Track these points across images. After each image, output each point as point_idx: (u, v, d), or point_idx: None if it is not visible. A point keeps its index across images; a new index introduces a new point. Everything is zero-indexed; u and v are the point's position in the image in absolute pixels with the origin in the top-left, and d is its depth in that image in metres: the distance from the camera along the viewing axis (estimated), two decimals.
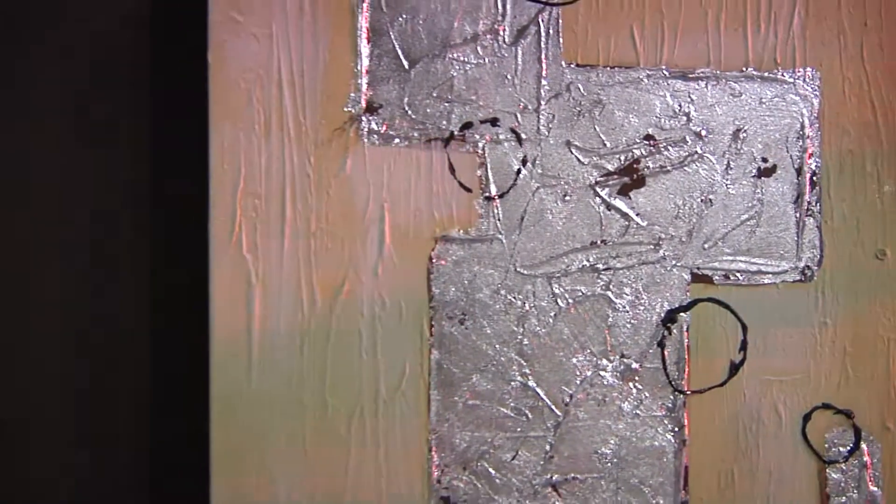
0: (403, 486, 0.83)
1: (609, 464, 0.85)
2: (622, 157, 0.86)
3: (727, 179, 0.87)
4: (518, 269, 0.85)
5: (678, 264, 0.86)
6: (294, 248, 0.83)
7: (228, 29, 0.83)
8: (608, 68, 0.86)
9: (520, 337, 0.85)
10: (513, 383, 0.84)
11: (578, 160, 0.85)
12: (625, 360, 0.85)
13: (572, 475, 0.85)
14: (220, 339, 0.82)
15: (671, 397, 0.86)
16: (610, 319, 0.85)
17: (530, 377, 0.85)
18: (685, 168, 0.86)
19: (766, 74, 0.87)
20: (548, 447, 0.85)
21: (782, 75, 0.87)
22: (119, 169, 0.89)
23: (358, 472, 0.83)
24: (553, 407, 0.85)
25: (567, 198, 0.85)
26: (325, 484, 0.82)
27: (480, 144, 0.84)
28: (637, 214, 0.86)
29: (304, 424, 0.82)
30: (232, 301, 0.82)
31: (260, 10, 0.83)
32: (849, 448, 0.87)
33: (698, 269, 0.86)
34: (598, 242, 0.85)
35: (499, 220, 0.85)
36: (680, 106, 0.86)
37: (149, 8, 0.89)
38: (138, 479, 0.89)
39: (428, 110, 0.84)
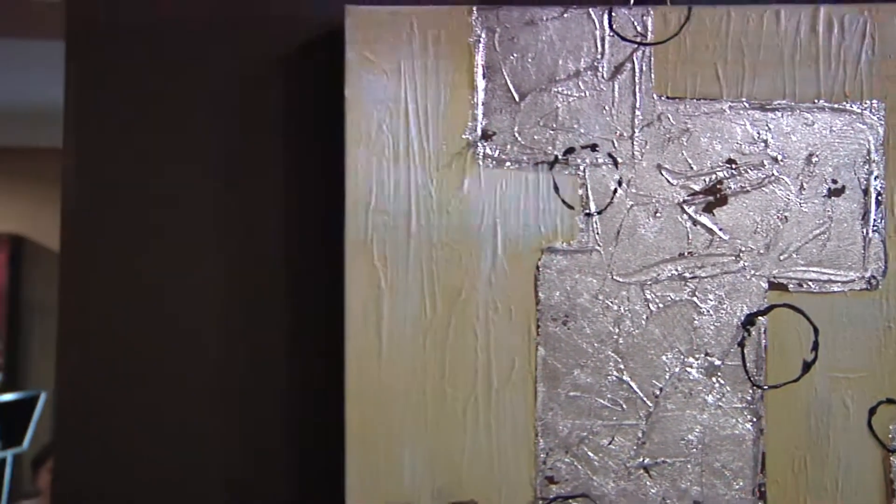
0: (512, 465, 0.91)
1: (695, 449, 0.91)
2: (707, 179, 0.93)
3: (801, 199, 0.92)
4: (614, 277, 0.92)
5: (757, 274, 0.92)
6: (418, 259, 0.91)
7: (362, 66, 0.92)
8: (695, 100, 0.93)
9: (616, 337, 0.92)
10: (609, 377, 0.92)
11: (668, 181, 0.92)
12: (709, 358, 0.92)
13: (662, 459, 0.91)
14: (354, 338, 0.90)
15: (750, 391, 0.91)
16: (696, 322, 0.92)
17: (625, 372, 0.92)
18: (763, 189, 0.92)
19: (836, 106, 0.93)
20: (640, 434, 0.91)
21: (851, 106, 0.93)
22: (271, 188, 0.97)
23: (473, 453, 0.90)
24: (645, 399, 0.91)
25: (658, 214, 0.92)
26: (444, 462, 0.90)
27: (582, 167, 0.92)
28: (720, 229, 0.92)
29: (426, 411, 0.90)
30: (364, 304, 0.91)
31: (390, 50, 0.92)
32: None
33: (775, 278, 0.92)
34: (686, 254, 0.92)
35: (597, 233, 0.92)
36: (758, 133, 0.93)
37: (292, 49, 0.98)
38: (282, 459, 0.96)
39: (535, 137, 0.92)
